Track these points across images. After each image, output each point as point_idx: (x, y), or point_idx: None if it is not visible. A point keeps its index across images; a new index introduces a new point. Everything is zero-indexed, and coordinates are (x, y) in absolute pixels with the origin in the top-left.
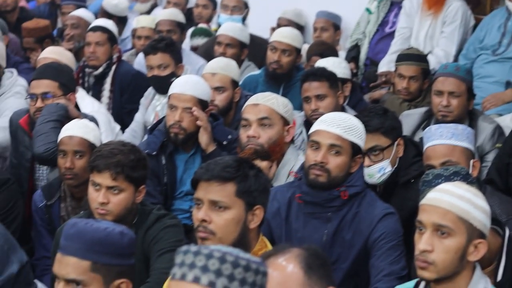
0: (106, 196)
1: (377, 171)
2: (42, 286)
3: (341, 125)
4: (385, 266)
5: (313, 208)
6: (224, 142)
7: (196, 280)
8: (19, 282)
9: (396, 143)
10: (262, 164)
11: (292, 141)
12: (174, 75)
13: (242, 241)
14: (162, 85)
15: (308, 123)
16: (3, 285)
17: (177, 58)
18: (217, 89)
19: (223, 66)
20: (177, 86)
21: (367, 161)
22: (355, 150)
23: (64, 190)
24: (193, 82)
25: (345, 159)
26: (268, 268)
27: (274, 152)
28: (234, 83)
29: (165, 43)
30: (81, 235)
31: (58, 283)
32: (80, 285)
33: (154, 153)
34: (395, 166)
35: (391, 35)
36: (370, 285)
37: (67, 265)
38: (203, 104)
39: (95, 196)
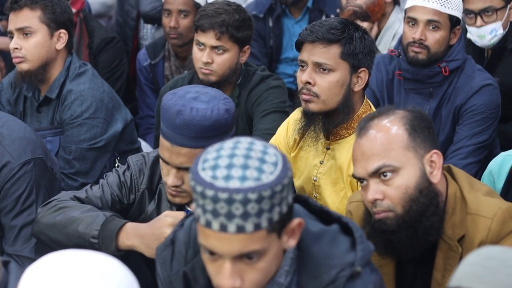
0: (210, 55)
1: (489, 32)
2: (145, 145)
3: None
4: (466, 137)
5: (414, 84)
6: None
7: (241, 230)
8: (123, 140)
9: (509, 6)
10: (363, 25)
11: (398, 2)
12: None
13: (346, 104)
14: None
15: None
16: (107, 143)
17: None
18: None
19: None
20: None
21: (479, 21)
22: (454, 22)
23: (168, 49)
24: None
25: (444, 33)
26: (372, 129)
27: (374, 12)
28: None
29: None
30: (190, 125)
31: (169, 169)
32: None
33: (261, 15)
34: (506, 30)
35: None
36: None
37: (179, 154)
38: None
39: (199, 56)
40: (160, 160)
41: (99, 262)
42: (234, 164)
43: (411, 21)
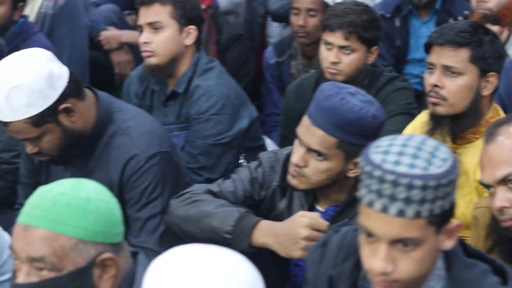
0: (338, 55)
1: None
2: (270, 142)
3: None
4: None
5: None
6: None
7: (401, 213)
8: (249, 136)
9: None
10: (493, 28)
11: None
12: None
13: (474, 108)
14: None
15: None
16: (233, 139)
17: None
18: None
19: None
20: None
21: None
22: None
23: (295, 48)
24: None
25: None
26: (500, 136)
27: (504, 16)
28: None
29: None
30: (335, 111)
31: (299, 148)
32: (322, 156)
33: (388, 15)
34: None
35: None
36: None
37: (313, 135)
38: None
39: (326, 55)
40: (296, 139)
41: (225, 258)
42: (405, 153)
43: None
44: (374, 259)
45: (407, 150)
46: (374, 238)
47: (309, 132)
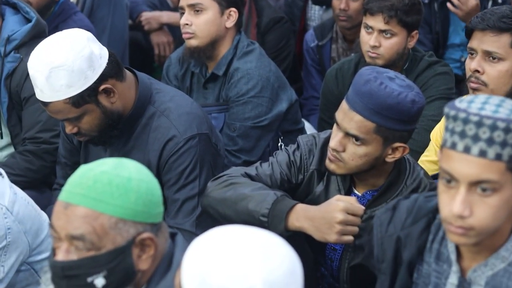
0: (378, 39)
1: None
2: (308, 125)
3: None
4: None
5: None
6: None
7: (483, 154)
8: (287, 119)
9: None
10: None
11: None
12: None
13: None
14: None
15: None
16: (272, 122)
17: None
18: None
19: None
20: None
21: None
22: None
23: (336, 31)
24: None
25: None
26: None
27: None
28: None
29: None
30: (373, 96)
31: (337, 133)
32: (359, 141)
33: (427, 0)
34: None
35: None
36: None
37: (352, 120)
38: None
39: (366, 39)
40: (334, 124)
41: (264, 240)
42: (489, 103)
43: None
44: (453, 203)
45: (491, 101)
46: (453, 183)
47: (347, 116)
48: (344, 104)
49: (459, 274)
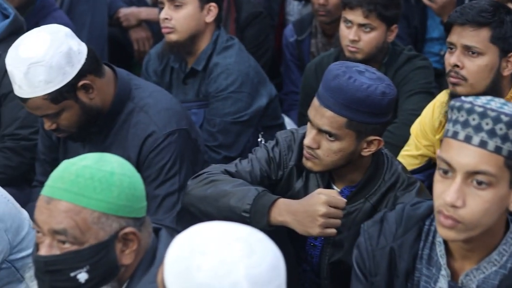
0: (357, 33)
1: None
2: (289, 121)
3: None
4: None
5: None
6: None
7: (483, 145)
8: (267, 115)
9: None
10: None
11: None
12: None
13: (494, 88)
14: None
15: None
16: (252, 117)
17: None
18: None
19: None
20: None
21: None
22: None
23: (315, 26)
24: None
25: None
26: None
27: None
28: None
29: None
30: (342, 90)
31: (311, 130)
32: (333, 137)
33: None
34: None
35: None
36: None
37: (323, 116)
38: None
39: (346, 33)
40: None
41: (247, 235)
42: (495, 100)
43: None
44: (447, 192)
45: (496, 99)
46: (450, 174)
47: (318, 113)
48: (315, 101)
49: (449, 278)
